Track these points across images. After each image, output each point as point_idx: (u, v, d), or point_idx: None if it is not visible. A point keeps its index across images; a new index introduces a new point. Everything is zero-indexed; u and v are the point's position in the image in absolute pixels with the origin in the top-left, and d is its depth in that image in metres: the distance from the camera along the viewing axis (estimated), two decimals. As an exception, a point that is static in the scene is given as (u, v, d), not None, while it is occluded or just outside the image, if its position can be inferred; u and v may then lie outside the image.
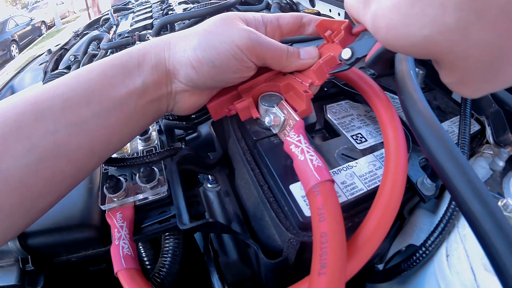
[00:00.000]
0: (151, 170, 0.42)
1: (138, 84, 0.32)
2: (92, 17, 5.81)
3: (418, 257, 0.35)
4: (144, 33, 0.97)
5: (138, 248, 0.50)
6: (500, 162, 0.39)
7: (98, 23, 1.71)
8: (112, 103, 0.31)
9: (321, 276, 0.23)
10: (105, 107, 0.31)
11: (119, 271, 0.36)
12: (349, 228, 0.31)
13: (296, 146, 0.31)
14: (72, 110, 0.29)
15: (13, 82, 1.21)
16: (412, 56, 0.32)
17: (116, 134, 0.34)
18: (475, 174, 0.23)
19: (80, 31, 1.64)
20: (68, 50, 1.34)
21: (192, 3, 1.28)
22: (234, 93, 0.40)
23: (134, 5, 1.71)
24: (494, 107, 0.42)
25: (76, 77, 0.31)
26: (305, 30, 0.40)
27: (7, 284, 0.46)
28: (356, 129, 0.41)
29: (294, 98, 0.38)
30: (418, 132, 0.28)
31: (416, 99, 0.31)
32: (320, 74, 0.36)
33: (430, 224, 0.38)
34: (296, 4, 0.99)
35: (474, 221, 0.21)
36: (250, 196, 0.38)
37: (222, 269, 0.46)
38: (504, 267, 0.19)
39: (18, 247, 0.45)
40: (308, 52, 0.37)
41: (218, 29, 0.33)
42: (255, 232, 0.39)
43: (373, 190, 0.33)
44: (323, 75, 0.36)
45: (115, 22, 1.43)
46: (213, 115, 0.41)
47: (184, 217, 0.34)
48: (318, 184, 0.27)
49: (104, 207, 0.41)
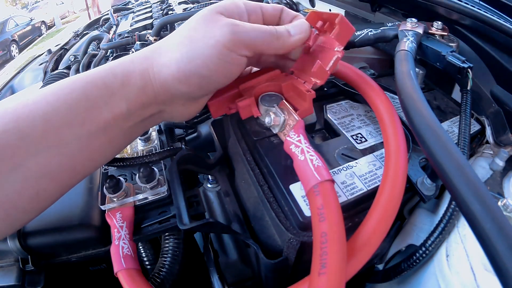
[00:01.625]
0: (151, 170, 0.42)
1: (123, 108, 0.31)
2: (92, 17, 5.80)
3: (418, 257, 0.35)
4: (144, 33, 0.97)
5: (138, 248, 0.50)
6: (500, 162, 0.39)
7: (98, 23, 1.71)
8: (95, 126, 0.30)
9: (321, 276, 0.23)
10: (87, 130, 0.29)
11: (119, 271, 0.36)
12: (349, 228, 0.31)
13: (296, 146, 0.31)
14: (53, 133, 0.28)
15: (13, 82, 1.21)
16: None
17: (101, 155, 0.33)
18: (475, 174, 0.23)
19: (80, 31, 1.64)
20: (68, 50, 1.34)
21: (192, 3, 1.28)
22: (235, 91, 0.39)
23: (134, 5, 1.71)
24: (494, 107, 0.42)
25: (56, 94, 0.29)
26: (282, 24, 0.38)
27: (7, 284, 0.46)
28: (356, 129, 0.41)
29: (295, 98, 0.38)
30: (418, 132, 0.28)
31: (416, 99, 0.31)
32: (321, 74, 0.35)
33: (430, 224, 0.38)
34: (296, 4, 0.99)
35: (474, 221, 0.21)
36: (250, 196, 0.38)
37: (222, 269, 0.46)
38: (504, 267, 0.19)
39: (18, 247, 0.45)
40: (298, 26, 0.35)
41: (199, 32, 0.31)
42: (255, 232, 0.39)
43: (373, 190, 0.33)
44: (324, 73, 0.36)
45: (115, 22, 1.43)
46: (213, 113, 0.40)
47: (184, 217, 0.34)
48: (318, 184, 0.27)
49: (104, 207, 0.41)
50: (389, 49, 0.56)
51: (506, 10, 0.47)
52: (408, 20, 0.46)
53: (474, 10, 0.44)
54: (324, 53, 0.36)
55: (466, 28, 0.48)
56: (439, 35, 0.45)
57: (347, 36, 0.35)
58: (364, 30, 0.49)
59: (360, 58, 0.61)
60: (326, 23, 0.36)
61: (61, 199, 0.33)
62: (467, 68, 0.38)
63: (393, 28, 0.47)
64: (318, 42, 0.38)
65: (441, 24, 0.46)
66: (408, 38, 0.42)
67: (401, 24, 0.47)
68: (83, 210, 0.47)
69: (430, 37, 0.45)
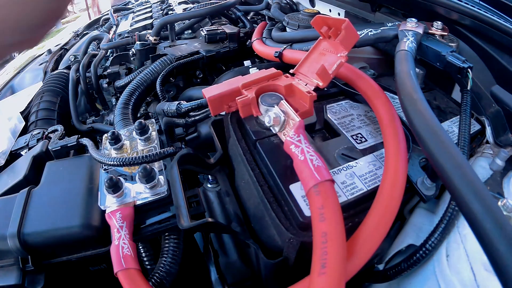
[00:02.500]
0: (151, 170, 0.42)
1: None
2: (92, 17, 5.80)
3: (418, 257, 0.35)
4: (144, 33, 0.97)
5: (138, 248, 0.50)
6: (500, 162, 0.39)
7: (98, 23, 1.71)
8: None
9: (321, 276, 0.23)
10: None
11: (119, 271, 0.36)
12: (349, 228, 0.31)
13: (296, 146, 0.31)
14: None
15: (13, 82, 1.21)
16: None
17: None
18: (475, 174, 0.23)
19: (80, 31, 1.64)
20: (68, 50, 1.34)
21: (192, 3, 1.28)
22: (235, 89, 0.39)
23: (134, 5, 1.71)
24: (494, 107, 0.42)
25: None
26: None
27: (7, 284, 0.46)
28: (356, 129, 0.41)
29: (296, 98, 0.38)
30: (418, 132, 0.28)
31: (416, 99, 0.31)
32: (324, 76, 0.36)
33: (430, 224, 0.38)
34: (296, 4, 0.99)
35: (474, 221, 0.21)
36: (250, 196, 0.38)
37: (222, 269, 0.46)
38: (504, 267, 0.19)
39: (18, 247, 0.45)
40: None
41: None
42: (255, 232, 0.39)
43: (373, 190, 0.33)
44: (328, 76, 0.36)
45: (115, 22, 1.43)
46: (212, 110, 0.40)
47: (184, 217, 0.34)
48: (318, 184, 0.27)
49: (104, 207, 0.41)
50: (389, 49, 0.56)
51: (506, 10, 0.47)
52: (408, 20, 0.46)
53: (474, 10, 0.43)
54: (328, 56, 0.37)
55: (466, 28, 0.48)
56: (439, 35, 0.45)
57: (352, 42, 0.35)
58: (364, 30, 0.49)
59: (360, 58, 0.61)
60: (331, 28, 0.37)
61: (61, 199, 0.33)
62: (467, 68, 0.38)
63: (393, 28, 0.47)
64: (322, 46, 0.38)
65: (441, 24, 0.46)
66: (408, 38, 0.42)
67: (401, 24, 0.47)
68: (83, 210, 0.47)
69: (430, 37, 0.45)
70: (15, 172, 0.60)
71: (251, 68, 0.67)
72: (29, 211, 0.47)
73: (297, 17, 0.71)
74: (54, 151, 0.59)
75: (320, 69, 0.35)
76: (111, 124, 0.90)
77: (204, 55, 0.80)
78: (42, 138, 0.71)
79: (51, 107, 0.96)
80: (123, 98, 0.71)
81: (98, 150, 0.51)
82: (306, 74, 0.38)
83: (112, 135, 0.50)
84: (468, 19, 0.45)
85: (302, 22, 0.68)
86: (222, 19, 1.15)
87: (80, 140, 0.59)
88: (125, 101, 0.70)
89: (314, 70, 0.36)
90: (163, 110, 0.55)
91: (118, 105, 0.70)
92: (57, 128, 0.68)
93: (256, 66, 0.71)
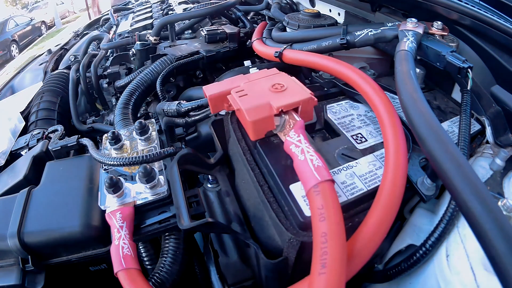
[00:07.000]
0: (151, 170, 0.42)
1: None
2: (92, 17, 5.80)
3: (418, 257, 0.35)
4: (144, 33, 0.97)
5: (138, 248, 0.50)
6: (500, 162, 0.39)
7: (98, 23, 1.71)
8: None
9: (321, 276, 0.23)
10: None
11: (119, 271, 0.36)
12: (349, 228, 0.31)
13: (296, 146, 0.31)
14: None
15: (13, 82, 1.21)
16: None
17: None
18: (475, 174, 0.23)
19: (80, 31, 1.64)
20: (68, 50, 1.34)
21: (192, 3, 1.28)
22: (236, 87, 0.39)
23: (134, 5, 1.71)
24: (494, 107, 0.42)
25: None
26: None
27: (7, 284, 0.46)
28: (356, 129, 0.41)
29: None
30: (418, 132, 0.28)
31: (416, 99, 0.31)
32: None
33: (430, 224, 0.38)
34: (296, 4, 0.99)
35: (474, 221, 0.21)
36: (250, 196, 0.38)
37: (222, 269, 0.46)
38: (504, 267, 0.19)
39: (18, 247, 0.45)
40: None
41: None
42: (255, 232, 0.39)
43: (373, 190, 0.33)
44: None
45: (115, 22, 1.43)
46: (212, 108, 0.40)
47: (184, 217, 0.34)
48: (318, 184, 0.27)
49: (104, 207, 0.41)
50: (389, 49, 0.55)
51: (506, 10, 0.47)
52: (408, 20, 0.46)
53: (474, 10, 0.43)
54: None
55: (466, 28, 0.48)
56: (439, 35, 0.45)
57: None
58: (364, 30, 0.49)
59: (360, 58, 0.61)
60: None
61: (61, 199, 0.33)
62: (467, 68, 0.38)
63: (393, 28, 0.47)
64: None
65: (441, 24, 0.46)
66: (408, 38, 0.42)
67: (401, 24, 0.47)
68: (83, 210, 0.47)
69: (430, 37, 0.45)
70: (15, 172, 0.60)
71: (251, 68, 0.67)
72: (29, 211, 0.47)
73: (297, 17, 0.71)
74: (54, 151, 0.59)
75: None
76: (111, 124, 0.90)
77: (204, 55, 0.80)
78: (42, 138, 0.71)
79: (51, 107, 0.96)
80: (123, 98, 0.71)
81: (98, 150, 0.51)
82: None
83: (112, 135, 0.50)
84: (468, 19, 0.45)
85: (302, 22, 0.67)
86: (222, 19, 1.16)
87: (80, 140, 0.59)
88: (125, 101, 0.70)
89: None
90: (163, 110, 0.56)
91: (118, 105, 0.70)
92: (57, 128, 0.68)
93: (256, 66, 0.70)
